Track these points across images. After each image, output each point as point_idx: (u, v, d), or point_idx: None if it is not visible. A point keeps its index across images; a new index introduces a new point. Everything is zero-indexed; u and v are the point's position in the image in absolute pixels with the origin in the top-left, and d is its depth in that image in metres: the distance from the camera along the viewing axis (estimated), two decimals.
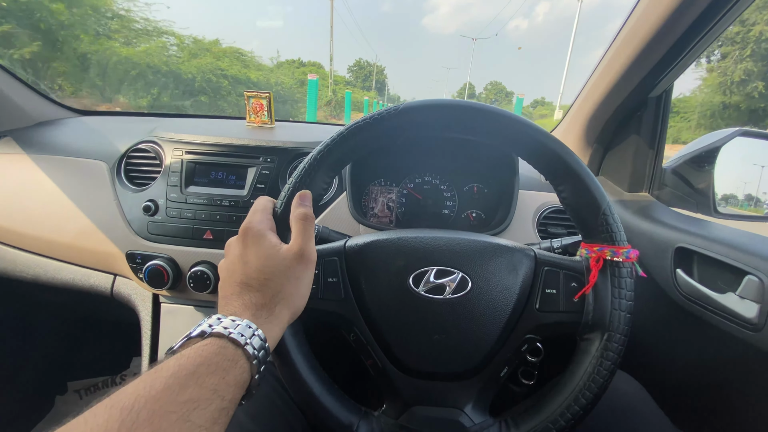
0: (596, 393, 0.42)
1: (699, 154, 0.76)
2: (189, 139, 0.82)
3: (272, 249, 0.39)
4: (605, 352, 0.43)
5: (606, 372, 0.42)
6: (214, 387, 0.28)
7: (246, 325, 0.33)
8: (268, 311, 0.37)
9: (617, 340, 0.42)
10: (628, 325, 0.43)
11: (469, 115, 0.44)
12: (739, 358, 0.53)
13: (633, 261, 0.44)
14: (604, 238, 0.44)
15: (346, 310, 0.49)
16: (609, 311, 0.43)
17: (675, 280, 0.61)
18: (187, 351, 0.30)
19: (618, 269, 0.44)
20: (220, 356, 0.30)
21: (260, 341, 0.33)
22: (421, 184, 0.94)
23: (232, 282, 0.38)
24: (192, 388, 0.27)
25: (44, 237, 0.85)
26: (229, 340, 0.32)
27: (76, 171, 0.87)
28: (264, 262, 0.38)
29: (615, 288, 0.43)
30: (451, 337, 0.47)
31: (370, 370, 0.50)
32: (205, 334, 0.32)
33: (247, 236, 0.40)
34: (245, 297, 0.37)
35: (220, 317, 0.34)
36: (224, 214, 0.78)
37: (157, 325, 0.84)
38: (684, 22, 0.60)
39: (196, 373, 0.28)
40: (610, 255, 0.43)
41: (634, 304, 0.43)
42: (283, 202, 0.44)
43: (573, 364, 0.45)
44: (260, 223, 0.41)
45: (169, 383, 0.27)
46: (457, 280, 0.47)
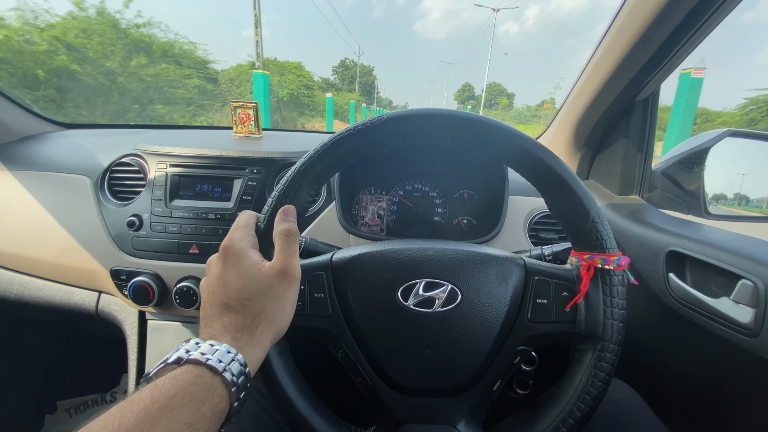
0: (591, 405, 0.41)
1: (688, 156, 0.76)
2: (173, 152, 0.81)
3: (253, 267, 0.37)
4: (599, 363, 0.42)
5: (600, 383, 0.41)
6: (189, 421, 0.27)
7: (225, 350, 0.32)
8: (250, 333, 0.35)
9: (611, 350, 0.41)
10: (622, 335, 0.42)
11: (452, 124, 0.44)
12: (736, 363, 0.52)
13: (624, 268, 0.43)
14: (594, 246, 0.43)
15: (334, 327, 0.47)
16: (601, 321, 0.42)
17: (668, 285, 0.60)
18: (162, 381, 0.28)
19: (609, 277, 0.43)
20: (196, 386, 0.29)
21: (240, 366, 0.32)
22: (412, 191, 0.93)
23: (212, 302, 0.37)
24: (165, 422, 0.26)
25: (27, 255, 0.83)
26: (206, 368, 0.30)
27: (59, 186, 0.85)
28: (245, 282, 0.37)
29: (607, 297, 0.43)
30: (442, 351, 0.45)
31: (359, 388, 0.48)
32: (181, 360, 0.30)
33: (227, 254, 0.38)
34: (225, 318, 0.35)
35: (199, 342, 0.33)
36: (210, 228, 0.76)
37: (144, 343, 0.82)
38: (668, 25, 0.60)
39: (170, 405, 0.27)
40: (601, 263, 0.42)
41: (626, 312, 0.42)
42: (266, 216, 0.43)
43: (567, 376, 0.44)
44: (241, 240, 0.39)
45: (140, 418, 0.25)
46: (446, 292, 0.46)
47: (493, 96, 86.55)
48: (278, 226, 0.41)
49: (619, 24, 0.66)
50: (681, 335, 0.60)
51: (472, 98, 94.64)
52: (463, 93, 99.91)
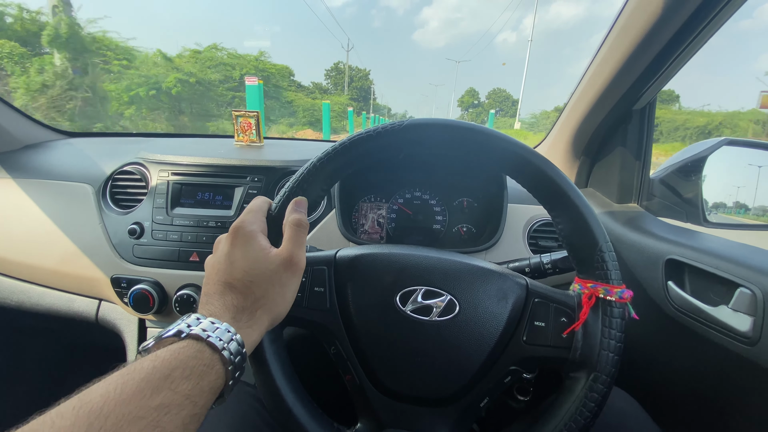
0: None
1: (686, 164, 0.76)
2: (175, 160, 0.82)
3: (261, 252, 0.38)
4: (590, 393, 0.41)
5: (589, 414, 0.41)
6: (188, 393, 0.27)
7: (225, 329, 0.32)
8: (249, 315, 0.36)
9: (603, 381, 0.41)
10: (616, 367, 0.41)
11: (473, 137, 0.44)
12: (735, 372, 0.52)
13: (626, 302, 0.42)
14: (598, 276, 0.43)
15: (330, 322, 0.47)
16: (597, 351, 0.42)
17: (667, 293, 0.61)
18: (162, 352, 0.29)
19: (610, 308, 0.42)
20: (197, 360, 0.29)
21: (238, 346, 0.33)
22: (411, 199, 0.93)
23: (216, 280, 0.37)
24: (165, 393, 0.26)
25: (28, 262, 0.83)
26: (206, 344, 0.31)
27: (62, 195, 0.86)
28: (251, 264, 0.37)
29: (605, 328, 0.42)
30: (434, 360, 0.45)
31: (347, 385, 0.48)
32: (182, 334, 0.31)
33: (237, 235, 0.39)
34: (227, 297, 0.36)
35: (200, 317, 0.33)
36: (211, 236, 0.77)
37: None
38: (664, 35, 0.61)
39: (171, 376, 0.27)
40: (603, 293, 0.42)
41: (623, 346, 0.42)
42: (278, 205, 0.43)
43: (557, 403, 0.44)
44: (252, 224, 0.40)
45: (141, 386, 0.26)
46: (445, 302, 0.46)
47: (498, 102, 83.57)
48: (290, 215, 0.41)
49: (615, 34, 0.67)
50: (680, 343, 0.60)
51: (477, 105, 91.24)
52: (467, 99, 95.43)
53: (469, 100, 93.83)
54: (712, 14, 0.57)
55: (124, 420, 0.23)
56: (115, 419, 0.23)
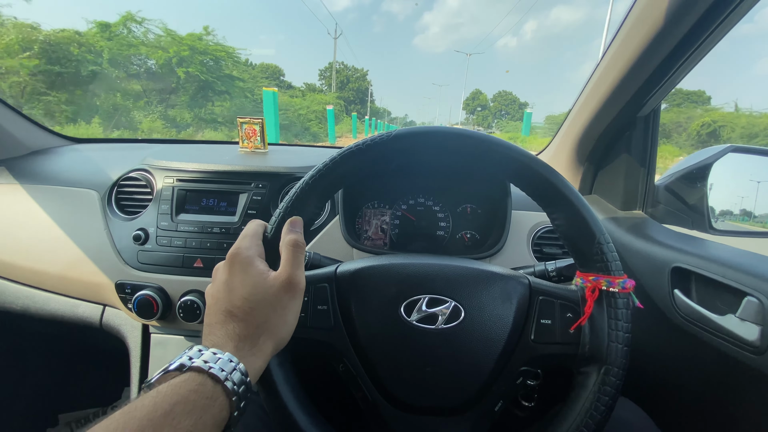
0: (594, 430, 0.41)
1: (691, 171, 0.76)
2: (180, 167, 0.82)
3: (259, 276, 0.38)
4: (603, 387, 0.41)
5: (604, 408, 0.41)
6: (190, 429, 0.27)
7: (227, 359, 0.32)
8: (252, 342, 0.36)
9: (615, 374, 0.41)
10: (626, 359, 0.41)
11: (461, 143, 0.44)
12: (742, 381, 0.51)
13: (629, 291, 0.42)
14: (599, 268, 0.43)
15: (336, 340, 0.47)
16: (606, 344, 0.42)
17: (673, 301, 0.60)
18: (164, 387, 0.29)
19: (614, 300, 0.42)
20: (198, 394, 0.29)
21: (241, 376, 0.32)
22: (415, 205, 0.93)
23: (217, 310, 0.37)
24: (167, 430, 0.26)
25: (34, 268, 0.83)
26: (208, 376, 0.30)
27: (68, 200, 0.86)
28: (250, 290, 0.37)
29: (612, 319, 0.42)
30: (444, 369, 0.45)
31: (359, 403, 0.48)
32: (184, 367, 0.31)
33: (234, 262, 0.39)
34: (228, 326, 0.36)
35: (201, 349, 0.33)
36: (215, 242, 0.77)
37: (147, 356, 0.82)
38: (669, 43, 0.61)
39: (172, 412, 0.27)
40: (606, 285, 0.42)
41: (631, 336, 0.42)
42: (274, 227, 0.43)
43: (570, 399, 0.44)
44: (248, 249, 0.40)
45: (143, 425, 0.26)
46: (449, 309, 0.46)
47: (504, 105, 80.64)
48: (285, 236, 0.41)
49: (620, 41, 0.67)
50: (687, 352, 0.59)
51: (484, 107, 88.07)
52: (473, 101, 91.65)
53: (474, 104, 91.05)
54: (717, 22, 0.57)
55: None
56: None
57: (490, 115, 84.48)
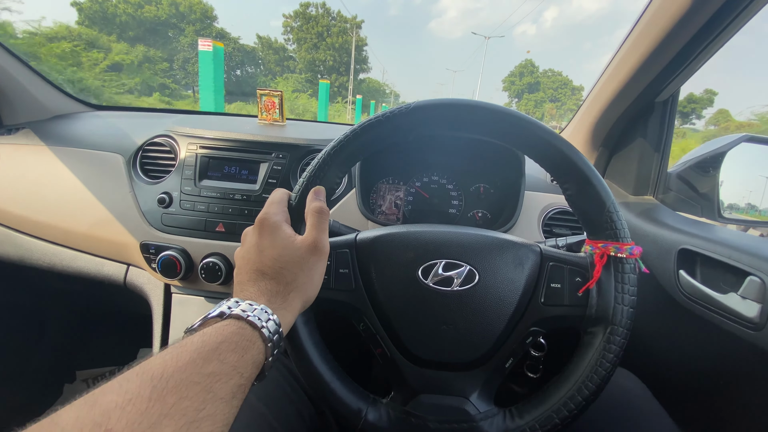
0: (599, 384, 0.44)
1: (704, 159, 0.77)
2: (203, 134, 0.85)
3: (287, 240, 0.41)
4: (608, 345, 0.44)
5: (609, 364, 0.44)
6: (234, 364, 0.30)
7: (262, 310, 0.35)
8: (282, 298, 0.38)
9: (620, 333, 0.44)
10: (631, 319, 0.44)
11: (477, 114, 0.46)
12: (740, 356, 0.53)
13: (636, 257, 0.45)
14: (608, 235, 0.45)
15: (357, 300, 0.50)
16: (612, 305, 0.44)
17: (678, 281, 0.62)
18: (209, 329, 0.31)
19: (622, 265, 0.45)
20: (240, 336, 0.32)
21: (275, 325, 0.35)
22: (429, 183, 0.95)
23: (248, 269, 0.40)
24: (214, 363, 0.29)
25: (60, 226, 0.87)
26: (246, 322, 0.33)
27: (93, 163, 0.89)
28: (279, 252, 0.40)
29: (618, 283, 0.45)
30: (458, 328, 0.48)
31: (378, 358, 0.51)
32: (224, 315, 0.34)
33: (263, 226, 0.41)
34: (260, 284, 0.38)
35: (238, 300, 0.36)
36: (236, 208, 0.80)
37: (168, 315, 0.86)
38: (692, 27, 0.62)
39: (218, 349, 0.30)
40: (614, 251, 0.45)
41: (636, 299, 0.44)
42: (298, 195, 0.46)
43: (576, 357, 0.47)
44: (276, 214, 0.42)
45: (194, 357, 0.28)
46: (464, 273, 0.48)
47: (552, 89, 60.83)
48: (310, 204, 0.44)
49: (642, 25, 0.68)
50: (688, 329, 0.62)
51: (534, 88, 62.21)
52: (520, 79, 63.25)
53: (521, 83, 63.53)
54: (740, 8, 0.58)
55: (182, 383, 0.26)
56: (175, 383, 0.26)
57: (546, 99, 61.62)
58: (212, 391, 0.27)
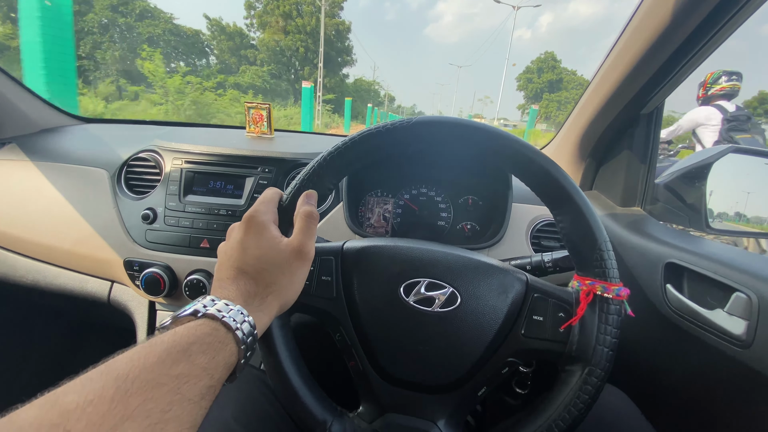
0: (570, 424, 0.42)
1: (691, 170, 0.77)
2: (189, 149, 0.84)
3: (272, 240, 0.40)
4: (584, 386, 0.43)
5: (582, 405, 0.42)
6: (204, 365, 0.29)
7: (238, 311, 0.34)
8: (260, 300, 0.38)
9: (597, 375, 0.42)
10: (610, 362, 0.43)
11: (479, 136, 0.45)
12: (728, 374, 0.53)
13: (623, 299, 0.44)
14: (597, 273, 0.44)
15: (335, 310, 0.49)
16: (593, 346, 0.43)
17: (665, 295, 0.62)
18: (181, 329, 0.31)
19: (607, 305, 0.44)
20: (212, 337, 0.31)
21: (250, 327, 0.34)
22: (417, 195, 0.95)
23: (229, 266, 0.39)
24: (184, 364, 0.28)
25: (44, 243, 0.86)
26: (221, 323, 0.33)
27: (78, 178, 0.88)
28: (263, 252, 0.39)
29: (602, 324, 0.43)
30: (435, 349, 0.47)
31: (350, 371, 0.50)
32: (198, 313, 0.33)
33: (250, 224, 0.41)
34: (240, 282, 0.38)
35: (214, 299, 0.35)
36: (221, 223, 0.79)
37: (153, 332, 0.85)
38: (675, 40, 0.62)
39: (189, 350, 0.29)
40: (601, 290, 0.43)
41: (618, 342, 0.43)
42: (290, 196, 0.45)
43: (552, 393, 0.45)
44: (265, 213, 0.42)
45: (163, 357, 0.27)
46: (447, 294, 0.47)
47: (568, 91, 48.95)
48: (301, 207, 0.43)
49: (626, 38, 0.68)
50: (676, 345, 0.61)
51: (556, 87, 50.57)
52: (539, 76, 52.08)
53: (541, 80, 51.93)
54: (723, 21, 0.58)
55: (148, 385, 0.25)
56: (140, 384, 0.25)
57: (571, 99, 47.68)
58: (180, 393, 0.27)
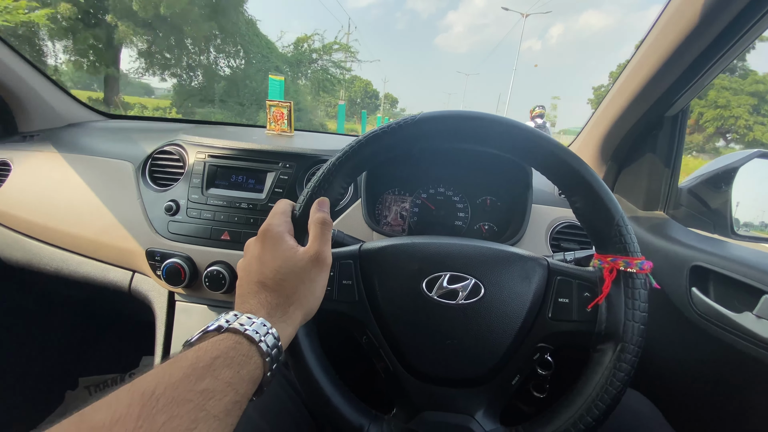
0: (609, 404, 0.42)
1: (716, 175, 0.76)
2: (212, 143, 0.85)
3: (289, 251, 0.40)
4: (618, 363, 0.42)
5: (619, 383, 0.42)
6: (229, 380, 0.29)
7: (261, 323, 0.34)
8: (282, 311, 0.38)
9: (631, 351, 0.42)
10: (642, 336, 0.42)
11: (484, 126, 0.45)
12: (757, 379, 0.51)
13: (647, 272, 0.43)
14: (617, 249, 0.44)
15: (359, 313, 0.49)
16: (623, 322, 0.43)
17: (690, 299, 0.61)
18: (205, 344, 0.31)
19: (632, 280, 0.43)
20: (236, 351, 0.31)
21: (274, 339, 0.34)
22: (435, 194, 0.95)
23: (249, 281, 0.39)
24: (208, 379, 0.28)
25: (69, 231, 0.88)
26: (244, 337, 0.33)
27: (103, 170, 0.90)
28: (281, 264, 0.39)
29: (629, 299, 0.43)
30: (463, 342, 0.47)
31: (381, 373, 0.50)
32: (222, 328, 0.33)
33: (265, 238, 0.41)
34: (261, 296, 0.38)
35: (237, 314, 0.35)
36: (242, 216, 0.80)
37: (171, 322, 0.86)
38: (702, 42, 0.61)
39: (213, 365, 0.29)
40: (624, 266, 0.43)
41: (647, 315, 0.43)
42: (302, 206, 0.45)
43: (586, 375, 0.45)
44: (279, 225, 0.42)
45: (188, 373, 0.28)
46: (469, 286, 0.47)
47: None
48: (314, 215, 0.43)
49: (651, 40, 0.68)
50: (701, 349, 0.60)
51: None
52: None
53: None
54: (753, 21, 0.57)
55: (173, 402, 0.25)
56: (166, 401, 0.25)
57: None
58: (205, 409, 0.27)
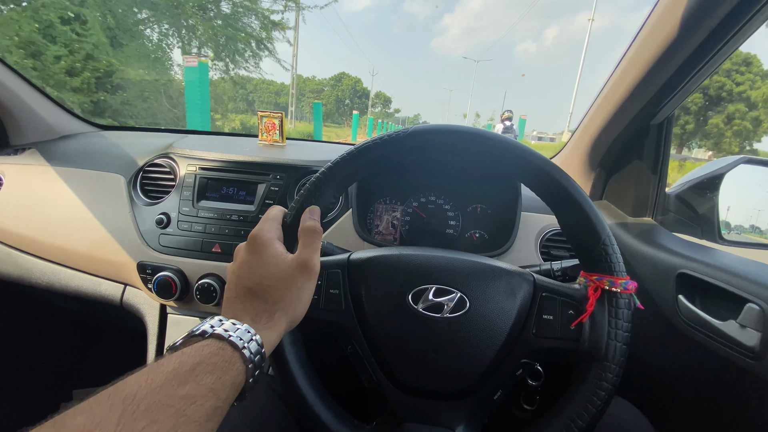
0: (589, 422, 0.42)
1: (703, 181, 0.77)
2: (203, 155, 0.86)
3: (277, 258, 0.40)
4: (599, 382, 0.42)
5: (600, 402, 0.42)
6: (211, 386, 0.29)
7: (245, 330, 0.35)
8: (268, 317, 0.38)
9: (612, 370, 0.42)
10: (624, 357, 0.43)
11: (473, 141, 0.46)
12: (740, 386, 0.52)
13: (631, 292, 0.44)
14: (602, 268, 0.45)
15: (345, 322, 0.50)
16: (605, 341, 0.43)
17: (677, 306, 0.61)
18: (188, 349, 0.31)
19: (616, 299, 0.44)
20: (219, 357, 0.31)
21: (257, 346, 0.35)
22: (426, 203, 0.95)
23: (237, 285, 0.40)
24: (190, 385, 0.28)
25: (60, 245, 0.88)
26: (228, 343, 0.33)
27: (95, 183, 0.90)
28: (268, 270, 0.40)
29: (612, 318, 0.44)
30: (447, 355, 0.47)
31: (364, 383, 0.50)
32: (206, 334, 0.33)
33: (255, 243, 0.41)
34: (247, 302, 0.38)
35: (222, 319, 0.35)
36: (233, 228, 0.80)
37: (163, 335, 0.86)
38: (685, 50, 0.62)
39: (195, 371, 0.29)
40: (609, 285, 0.44)
41: (630, 335, 0.43)
42: (293, 213, 0.46)
43: (568, 392, 0.45)
44: (269, 231, 0.42)
45: (169, 378, 0.28)
46: (455, 299, 0.47)
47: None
48: (304, 223, 0.44)
49: (636, 47, 0.68)
50: (687, 356, 0.60)
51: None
52: None
53: None
54: (733, 31, 0.58)
55: (154, 406, 0.26)
56: (147, 405, 0.25)
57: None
58: (185, 414, 0.27)
